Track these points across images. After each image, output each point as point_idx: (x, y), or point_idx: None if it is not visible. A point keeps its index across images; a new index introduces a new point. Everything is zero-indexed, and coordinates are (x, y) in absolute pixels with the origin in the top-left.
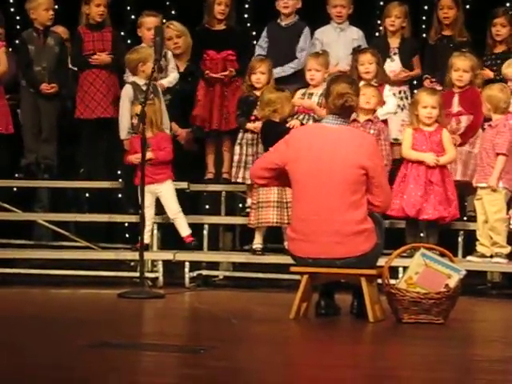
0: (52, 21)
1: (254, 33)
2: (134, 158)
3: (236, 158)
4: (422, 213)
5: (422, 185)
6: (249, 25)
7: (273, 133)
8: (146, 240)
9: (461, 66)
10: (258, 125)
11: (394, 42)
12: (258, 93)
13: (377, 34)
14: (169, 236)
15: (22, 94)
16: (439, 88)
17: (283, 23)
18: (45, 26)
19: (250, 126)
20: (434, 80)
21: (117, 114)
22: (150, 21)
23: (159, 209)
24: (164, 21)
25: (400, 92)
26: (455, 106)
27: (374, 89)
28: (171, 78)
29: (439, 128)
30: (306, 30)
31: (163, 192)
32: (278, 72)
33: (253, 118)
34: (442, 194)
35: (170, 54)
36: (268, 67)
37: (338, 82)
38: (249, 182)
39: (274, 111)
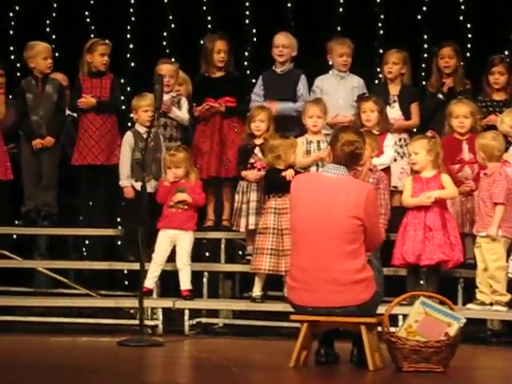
0: (51, 69)
1: (253, 80)
2: (173, 202)
3: (235, 205)
4: (422, 259)
5: (421, 231)
6: (248, 72)
7: (274, 180)
8: (151, 285)
9: (460, 113)
10: (252, 173)
11: (394, 90)
12: (257, 141)
13: (376, 81)
14: (168, 283)
15: (22, 141)
16: (430, 134)
17: (278, 70)
18: (44, 74)
19: (243, 173)
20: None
21: (110, 161)
22: (165, 68)
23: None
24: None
25: (400, 140)
26: (466, 154)
27: (372, 138)
28: (183, 116)
29: (438, 174)
30: (303, 77)
31: (184, 241)
32: (282, 108)
33: (249, 166)
34: (441, 238)
35: (184, 99)
36: (268, 115)
37: (346, 131)
38: (243, 229)
39: (276, 157)
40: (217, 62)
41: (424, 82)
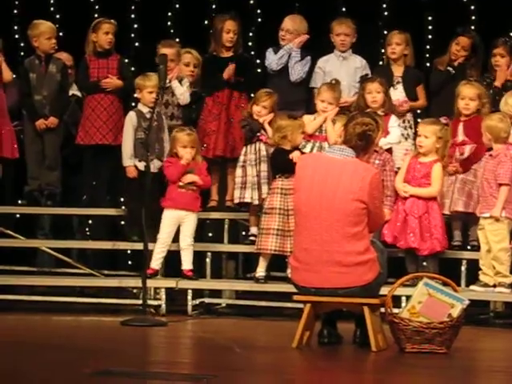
0: (54, 49)
1: (258, 60)
2: (183, 183)
3: (238, 180)
4: (397, 241)
5: (401, 214)
6: (253, 52)
7: (281, 161)
8: (157, 266)
9: (467, 95)
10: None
11: (398, 71)
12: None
13: (380, 62)
14: (171, 263)
15: (25, 121)
16: (444, 121)
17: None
18: (47, 54)
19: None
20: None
21: (116, 141)
22: (167, 52)
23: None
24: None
25: (404, 121)
26: (460, 135)
27: (379, 119)
28: (185, 95)
29: (434, 161)
30: (308, 58)
31: (190, 221)
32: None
33: (255, 139)
34: (415, 226)
35: (186, 79)
36: (272, 103)
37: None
38: (249, 201)
39: (283, 138)
40: (225, 41)
41: (428, 64)
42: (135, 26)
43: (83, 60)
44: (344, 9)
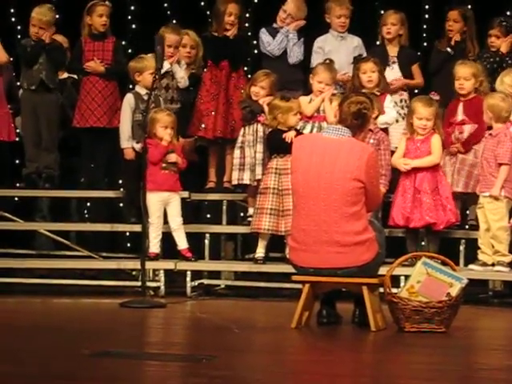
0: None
1: (254, 42)
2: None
3: (236, 161)
4: (411, 221)
5: (410, 193)
6: (250, 34)
7: (275, 141)
8: (157, 249)
9: (461, 75)
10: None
11: (393, 51)
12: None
13: (378, 42)
14: (169, 245)
15: (22, 103)
16: (436, 97)
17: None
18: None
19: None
20: (437, 95)
21: (112, 124)
22: (170, 38)
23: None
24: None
25: (401, 101)
26: (459, 115)
27: (375, 99)
28: (184, 79)
29: (430, 135)
30: (302, 39)
31: (175, 202)
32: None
33: (252, 121)
34: (430, 201)
35: (183, 61)
36: (270, 84)
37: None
38: (248, 182)
39: (274, 119)
40: (226, 23)
41: (425, 44)
42: (132, 7)
43: (78, 43)
44: None
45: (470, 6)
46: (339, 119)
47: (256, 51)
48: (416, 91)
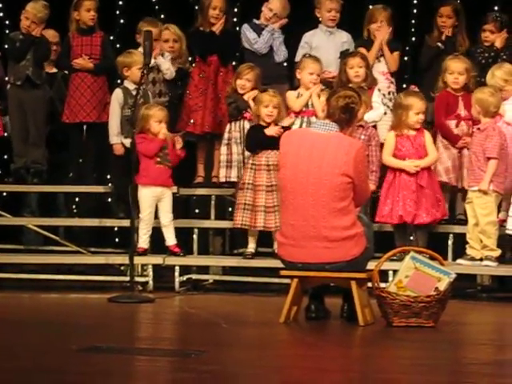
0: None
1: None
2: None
3: (223, 157)
4: (417, 217)
5: (414, 191)
6: (238, 28)
7: (254, 137)
8: (146, 245)
9: (455, 69)
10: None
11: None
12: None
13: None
14: (157, 240)
15: (9, 98)
16: (416, 90)
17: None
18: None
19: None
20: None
21: (101, 119)
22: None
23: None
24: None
25: (389, 93)
26: (462, 110)
27: (364, 94)
28: (170, 70)
29: (421, 130)
30: (283, 36)
31: (167, 197)
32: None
33: (239, 117)
34: (432, 196)
35: (167, 53)
36: (255, 76)
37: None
38: (236, 180)
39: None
40: (210, 17)
41: (414, 38)
42: (120, 2)
43: (66, 38)
44: None
45: (459, 0)
46: (327, 114)
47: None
48: (404, 85)
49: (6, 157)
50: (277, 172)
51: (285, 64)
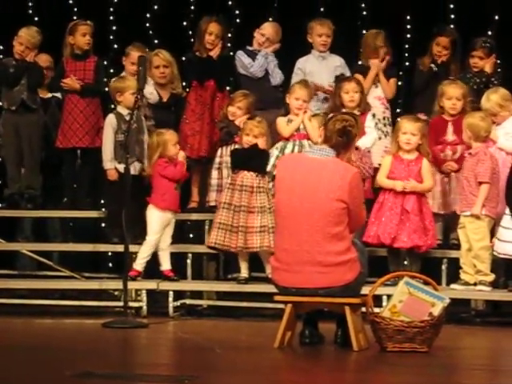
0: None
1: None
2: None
3: (214, 182)
4: (397, 241)
5: (397, 213)
6: (232, 53)
7: (236, 160)
8: (141, 268)
9: (453, 94)
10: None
11: None
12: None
13: (360, 62)
14: (151, 265)
15: (3, 123)
16: (424, 117)
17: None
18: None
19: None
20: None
21: (94, 144)
22: (135, 55)
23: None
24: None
25: (384, 118)
26: (450, 135)
27: (357, 119)
28: (153, 94)
29: (420, 157)
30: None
31: (172, 223)
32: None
33: (230, 142)
34: (417, 222)
35: (149, 79)
36: (248, 104)
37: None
38: (213, 204)
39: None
40: (206, 43)
41: (407, 63)
42: (114, 27)
43: (60, 63)
44: (322, 9)
45: (452, 26)
46: (324, 138)
47: None
48: (398, 110)
49: None
50: (253, 194)
51: (281, 88)
